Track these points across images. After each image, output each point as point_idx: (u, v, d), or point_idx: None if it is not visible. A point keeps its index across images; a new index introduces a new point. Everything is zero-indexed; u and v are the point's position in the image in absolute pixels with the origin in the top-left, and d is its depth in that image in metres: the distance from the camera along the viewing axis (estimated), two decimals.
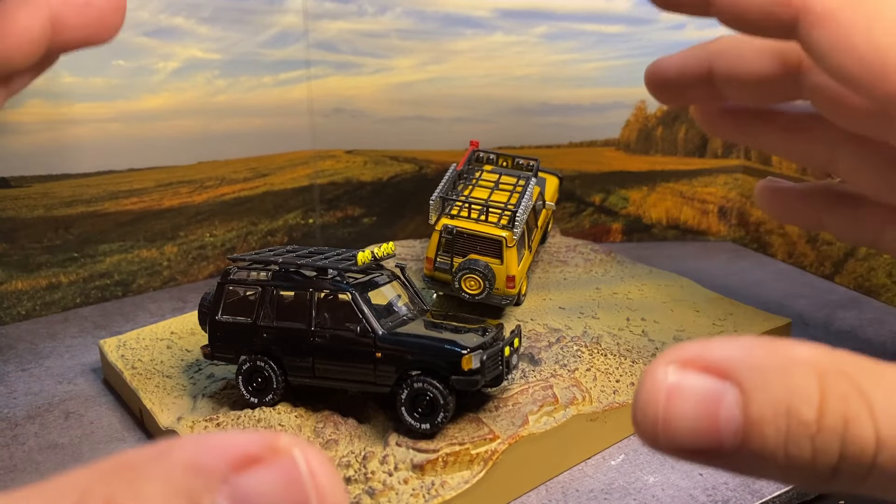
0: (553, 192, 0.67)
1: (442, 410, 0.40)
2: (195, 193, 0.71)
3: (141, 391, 0.48)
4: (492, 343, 0.43)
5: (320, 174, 0.77)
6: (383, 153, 0.79)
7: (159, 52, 0.65)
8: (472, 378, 0.40)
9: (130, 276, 0.69)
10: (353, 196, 0.79)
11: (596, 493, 0.42)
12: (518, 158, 0.64)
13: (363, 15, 0.73)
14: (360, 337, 0.42)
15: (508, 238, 0.51)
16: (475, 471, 0.39)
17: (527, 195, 0.55)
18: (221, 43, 0.68)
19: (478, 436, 0.41)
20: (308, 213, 0.78)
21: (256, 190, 0.75)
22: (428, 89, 0.77)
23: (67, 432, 0.48)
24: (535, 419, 0.43)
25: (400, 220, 0.81)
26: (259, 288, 0.45)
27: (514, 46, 0.77)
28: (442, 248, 0.52)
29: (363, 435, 0.42)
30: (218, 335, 0.46)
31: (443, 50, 0.75)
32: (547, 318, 0.56)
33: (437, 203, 0.53)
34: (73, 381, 0.54)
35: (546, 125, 0.80)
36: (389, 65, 0.75)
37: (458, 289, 0.52)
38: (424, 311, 0.47)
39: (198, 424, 0.43)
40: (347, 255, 0.47)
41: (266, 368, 0.44)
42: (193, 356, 0.53)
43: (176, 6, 0.65)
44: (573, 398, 0.45)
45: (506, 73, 0.78)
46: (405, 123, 0.78)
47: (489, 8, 0.75)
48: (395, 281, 0.47)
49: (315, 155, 0.76)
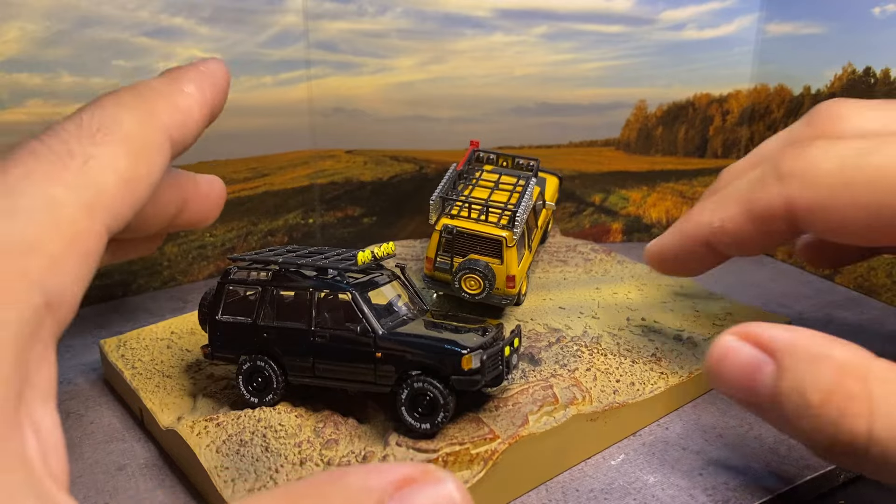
0: (553, 192, 0.67)
1: (442, 410, 0.40)
2: None
3: (141, 391, 0.48)
4: (492, 343, 0.43)
5: (320, 174, 0.77)
6: (383, 153, 0.79)
7: (159, 52, 0.65)
8: (472, 378, 0.40)
9: (130, 276, 0.69)
10: (353, 196, 0.79)
11: (596, 492, 0.42)
12: (518, 158, 0.64)
13: (363, 15, 0.73)
14: (360, 337, 0.42)
15: (508, 238, 0.51)
16: (475, 471, 0.39)
17: (527, 195, 0.55)
18: (221, 43, 0.68)
19: (478, 436, 0.41)
20: (308, 213, 0.78)
21: (256, 190, 0.75)
22: (428, 89, 0.77)
23: (67, 432, 0.48)
24: (535, 419, 0.43)
25: (400, 220, 0.81)
26: (259, 288, 0.45)
27: (514, 46, 0.77)
28: (442, 248, 0.52)
29: (363, 435, 0.42)
30: (218, 335, 0.46)
31: (443, 50, 0.75)
32: (547, 317, 0.56)
33: (437, 203, 0.53)
34: (73, 381, 0.54)
35: (546, 125, 0.80)
36: (389, 65, 0.75)
37: (458, 289, 0.52)
38: (424, 310, 0.47)
39: (198, 424, 0.43)
40: (347, 255, 0.47)
41: (266, 368, 0.44)
42: (193, 356, 0.53)
43: (176, 6, 0.65)
44: (573, 398, 0.45)
45: (506, 73, 0.78)
46: (405, 123, 0.78)
47: (489, 8, 0.75)
48: (396, 281, 0.47)
49: (315, 155, 0.76)
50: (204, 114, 0.39)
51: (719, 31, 0.81)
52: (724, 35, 0.81)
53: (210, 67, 0.41)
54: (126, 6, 0.62)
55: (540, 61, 0.78)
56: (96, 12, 0.61)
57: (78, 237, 0.29)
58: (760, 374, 0.35)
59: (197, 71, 0.40)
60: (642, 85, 0.82)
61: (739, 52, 0.82)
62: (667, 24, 0.79)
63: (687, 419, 0.50)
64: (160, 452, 0.46)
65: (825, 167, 0.38)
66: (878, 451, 0.32)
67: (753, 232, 0.42)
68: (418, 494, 0.23)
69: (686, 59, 0.82)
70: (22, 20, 0.59)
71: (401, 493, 0.23)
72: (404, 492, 0.23)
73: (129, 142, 0.33)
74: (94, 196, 0.30)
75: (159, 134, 0.35)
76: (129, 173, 0.32)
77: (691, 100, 0.84)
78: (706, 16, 0.80)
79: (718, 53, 0.82)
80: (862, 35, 0.71)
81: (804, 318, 0.65)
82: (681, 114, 0.83)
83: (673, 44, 0.80)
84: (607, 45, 0.79)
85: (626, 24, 0.78)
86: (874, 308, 0.67)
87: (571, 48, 0.78)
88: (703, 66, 0.83)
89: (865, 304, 0.68)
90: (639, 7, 0.78)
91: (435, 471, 0.24)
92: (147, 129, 0.34)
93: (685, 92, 0.83)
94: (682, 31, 0.80)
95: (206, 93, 0.40)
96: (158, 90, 0.37)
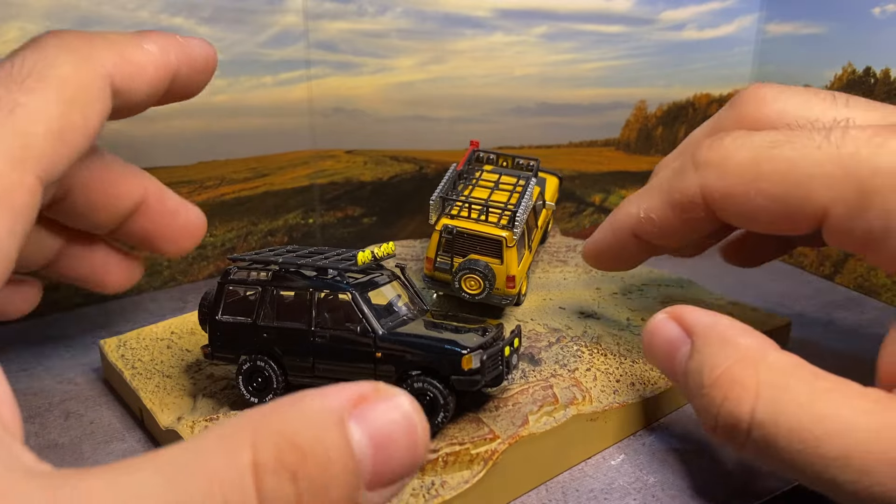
0: (553, 192, 0.67)
1: (442, 410, 0.40)
2: (195, 193, 0.71)
3: (141, 391, 0.48)
4: (492, 343, 0.43)
5: (320, 174, 0.77)
6: (383, 153, 0.79)
7: None
8: (472, 378, 0.40)
9: None
10: (353, 196, 0.79)
11: (596, 492, 0.42)
12: (518, 158, 0.64)
13: (363, 15, 0.73)
14: (360, 337, 0.42)
15: (508, 238, 0.51)
16: (475, 471, 0.39)
17: (527, 195, 0.55)
18: (221, 43, 0.68)
19: (478, 436, 0.41)
20: (308, 213, 0.78)
21: (256, 190, 0.75)
22: (428, 89, 0.77)
23: (67, 432, 0.48)
24: (535, 419, 0.43)
25: (400, 220, 0.81)
26: (259, 288, 0.45)
27: (514, 46, 0.77)
28: (442, 248, 0.52)
29: None
30: (218, 335, 0.46)
31: (443, 50, 0.75)
32: (547, 318, 0.56)
33: (437, 203, 0.53)
34: (73, 381, 0.54)
35: (546, 125, 0.80)
36: (389, 65, 0.75)
37: (458, 289, 0.52)
38: (424, 310, 0.47)
39: (198, 424, 0.43)
40: (347, 255, 0.47)
41: (266, 368, 0.44)
42: (193, 356, 0.53)
43: (176, 6, 0.65)
44: (573, 398, 0.45)
45: (506, 73, 0.78)
46: (405, 123, 0.78)
47: (489, 8, 0.75)
48: (396, 281, 0.47)
49: (315, 155, 0.76)
50: (160, 75, 0.37)
51: (719, 31, 0.81)
52: (724, 35, 0.82)
53: (188, 40, 0.40)
54: (126, 6, 0.62)
55: (540, 61, 0.78)
56: (96, 12, 0.61)
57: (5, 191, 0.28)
58: (678, 352, 0.39)
59: (169, 37, 0.38)
60: (642, 85, 0.82)
61: (739, 52, 0.82)
62: (667, 24, 0.79)
63: (688, 419, 0.50)
64: None
65: (738, 157, 0.39)
66: (759, 435, 0.34)
67: (675, 220, 0.43)
68: (374, 409, 0.25)
69: (686, 59, 0.82)
70: (22, 20, 0.59)
71: (358, 409, 0.25)
72: (361, 408, 0.25)
73: (63, 88, 0.31)
74: (22, 147, 0.29)
75: (98, 79, 0.33)
76: (62, 121, 0.31)
77: (691, 100, 0.84)
78: (706, 16, 0.80)
79: (718, 53, 0.82)
80: (862, 35, 0.71)
81: (804, 318, 0.65)
82: (681, 114, 0.83)
83: (673, 44, 0.80)
84: (607, 46, 0.79)
85: (625, 24, 0.78)
86: (874, 308, 0.67)
87: (571, 48, 0.78)
88: (703, 66, 0.83)
89: (865, 304, 0.68)
90: (639, 7, 0.78)
91: (386, 387, 0.26)
92: (84, 74, 0.33)
93: (685, 92, 0.83)
94: (682, 31, 0.80)
95: (169, 56, 0.38)
96: (111, 38, 0.35)
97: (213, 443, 0.23)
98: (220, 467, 0.23)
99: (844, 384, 0.35)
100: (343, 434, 0.24)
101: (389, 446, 0.25)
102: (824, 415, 0.33)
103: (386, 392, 0.26)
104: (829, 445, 0.33)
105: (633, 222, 0.45)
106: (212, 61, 0.41)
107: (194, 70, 0.40)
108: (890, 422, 0.32)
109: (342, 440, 0.24)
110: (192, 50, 0.39)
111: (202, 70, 0.41)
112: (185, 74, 0.39)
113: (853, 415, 0.33)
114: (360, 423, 0.24)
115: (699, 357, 0.37)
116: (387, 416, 0.25)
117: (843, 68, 0.73)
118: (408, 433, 0.25)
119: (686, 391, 0.39)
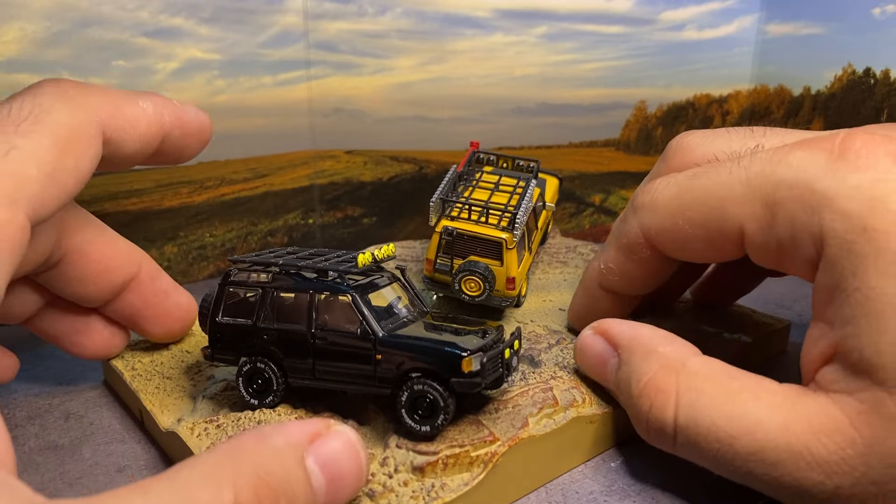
0: (553, 193, 0.67)
1: (442, 413, 0.40)
2: (195, 194, 0.71)
3: (141, 392, 0.48)
4: (492, 345, 0.42)
5: (320, 174, 0.77)
6: (383, 153, 0.79)
7: (159, 52, 0.65)
8: (472, 380, 0.40)
9: None
10: (353, 196, 0.79)
11: (596, 494, 0.42)
12: (518, 160, 0.64)
13: (363, 15, 0.73)
14: (360, 339, 0.42)
15: (508, 240, 0.51)
16: (475, 473, 0.39)
17: (527, 197, 0.55)
18: (221, 43, 0.68)
19: (478, 438, 0.41)
20: (308, 214, 0.78)
21: (256, 190, 0.75)
22: (428, 89, 0.77)
23: (67, 433, 0.48)
24: (535, 421, 0.43)
25: (400, 221, 0.81)
26: (259, 290, 0.45)
27: (514, 46, 0.77)
28: (442, 250, 0.52)
29: (363, 437, 0.42)
30: (218, 337, 0.46)
31: (443, 50, 0.75)
32: (547, 319, 0.56)
33: (437, 205, 0.53)
34: (73, 382, 0.54)
35: (546, 126, 0.80)
36: (389, 65, 0.75)
37: (458, 290, 0.52)
38: (424, 312, 0.47)
39: (198, 426, 0.43)
40: (348, 257, 0.46)
41: (266, 370, 0.44)
42: (193, 357, 0.53)
43: (176, 6, 0.65)
44: (573, 400, 0.45)
45: (506, 73, 0.78)
46: (405, 123, 0.78)
47: (489, 8, 0.75)
48: (396, 283, 0.47)
49: (315, 155, 0.76)
50: (152, 132, 0.39)
51: (719, 31, 0.81)
52: (724, 35, 0.82)
53: (184, 106, 0.42)
54: (126, 6, 0.62)
55: (540, 62, 0.78)
56: (96, 12, 0.61)
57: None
58: (608, 364, 0.43)
59: (166, 100, 0.40)
60: (642, 85, 0.82)
61: (739, 52, 0.82)
62: (667, 24, 0.79)
63: None
64: (160, 454, 0.46)
65: (666, 194, 0.43)
66: (684, 438, 0.37)
67: (628, 263, 0.46)
68: (327, 444, 0.31)
69: (686, 59, 0.82)
70: (22, 21, 0.59)
71: (313, 445, 0.31)
72: (316, 444, 0.31)
73: (58, 132, 0.33)
74: (15, 187, 0.30)
75: (91, 127, 0.35)
76: (55, 164, 0.32)
77: (691, 100, 0.84)
78: (706, 16, 0.80)
79: (718, 54, 0.82)
80: (862, 35, 0.71)
81: (804, 318, 0.65)
82: (681, 114, 0.83)
83: (673, 44, 0.80)
84: (607, 46, 0.79)
85: (626, 24, 0.78)
86: None
87: (571, 48, 0.78)
88: (702, 67, 0.83)
89: None
90: (639, 7, 0.78)
91: (334, 423, 0.32)
92: (78, 121, 0.34)
93: (685, 92, 0.83)
94: (682, 31, 0.80)
95: (163, 116, 0.40)
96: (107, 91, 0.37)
97: (197, 481, 0.26)
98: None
99: (758, 382, 0.37)
100: (304, 470, 0.29)
101: (340, 477, 0.31)
102: (735, 414, 0.36)
103: (335, 428, 0.32)
104: (741, 442, 0.35)
105: (598, 276, 0.49)
106: (206, 129, 0.43)
107: (186, 134, 0.42)
108: (796, 415, 0.34)
109: (304, 475, 0.29)
110: (186, 114, 0.41)
111: (195, 135, 0.42)
112: (178, 137, 0.41)
113: (762, 411, 0.35)
114: (316, 457, 0.30)
115: (626, 368, 0.40)
116: (337, 450, 0.31)
117: (843, 68, 0.73)
118: (354, 460, 0.32)
119: (619, 400, 0.42)
